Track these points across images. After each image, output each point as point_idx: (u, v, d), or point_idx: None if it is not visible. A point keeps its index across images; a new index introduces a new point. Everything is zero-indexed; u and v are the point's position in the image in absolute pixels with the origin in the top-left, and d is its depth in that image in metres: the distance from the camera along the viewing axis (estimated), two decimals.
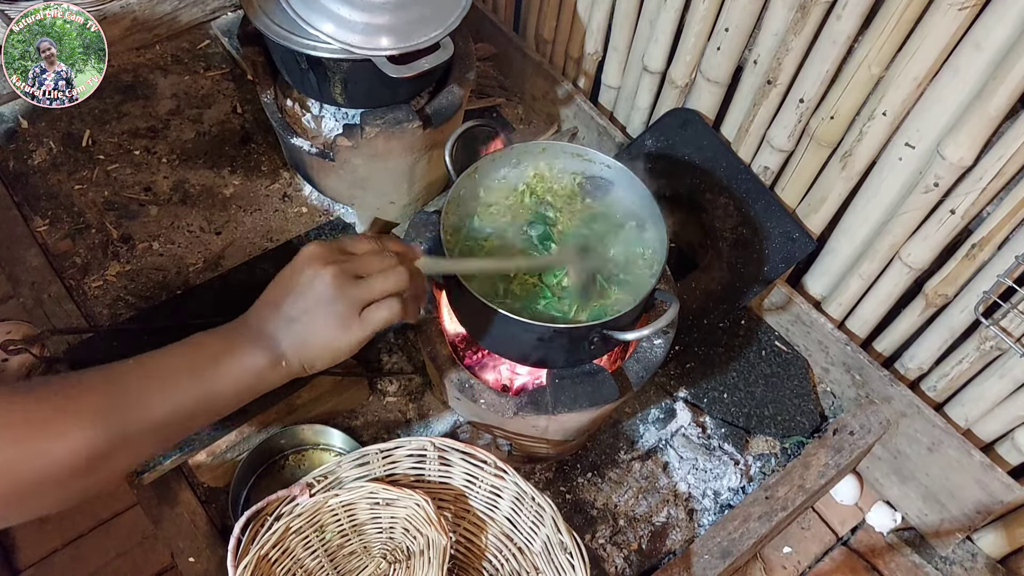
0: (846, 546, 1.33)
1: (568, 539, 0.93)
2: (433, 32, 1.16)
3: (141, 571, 1.24)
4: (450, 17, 1.18)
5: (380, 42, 1.13)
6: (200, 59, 1.73)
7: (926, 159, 1.06)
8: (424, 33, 1.16)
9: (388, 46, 1.13)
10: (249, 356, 0.74)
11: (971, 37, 0.95)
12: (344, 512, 0.95)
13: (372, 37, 1.13)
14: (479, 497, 1.01)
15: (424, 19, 1.16)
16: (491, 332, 1.00)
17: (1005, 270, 1.04)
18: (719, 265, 1.31)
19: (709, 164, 1.34)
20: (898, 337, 1.26)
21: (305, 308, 0.75)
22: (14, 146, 1.54)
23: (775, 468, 1.28)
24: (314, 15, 1.13)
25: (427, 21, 1.16)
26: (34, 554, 1.23)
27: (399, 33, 1.14)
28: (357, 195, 1.37)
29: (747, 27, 1.21)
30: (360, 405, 1.28)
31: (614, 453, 1.27)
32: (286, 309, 0.76)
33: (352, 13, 1.13)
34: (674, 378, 1.34)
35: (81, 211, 1.46)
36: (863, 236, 1.20)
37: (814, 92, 1.15)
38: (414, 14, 1.15)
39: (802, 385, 1.35)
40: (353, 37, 1.13)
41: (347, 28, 1.13)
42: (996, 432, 1.17)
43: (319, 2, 1.13)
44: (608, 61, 1.51)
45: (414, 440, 0.98)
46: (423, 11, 1.16)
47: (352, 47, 1.12)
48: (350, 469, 0.97)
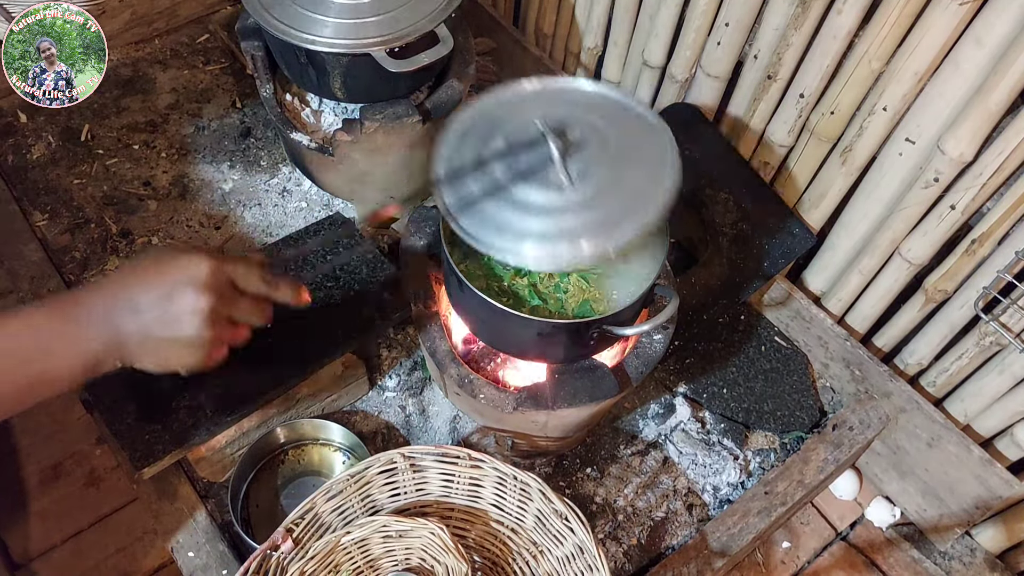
0: (845, 541, 1.33)
1: (561, 505, 0.92)
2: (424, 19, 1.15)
3: (140, 566, 1.24)
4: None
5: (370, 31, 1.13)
6: (199, 53, 1.73)
7: (926, 154, 1.06)
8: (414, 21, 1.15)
9: (376, 33, 1.13)
10: (84, 343, 0.72)
11: (972, 32, 0.94)
12: (357, 549, 0.93)
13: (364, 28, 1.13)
14: (460, 493, 1.00)
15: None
16: (491, 327, 1.00)
17: (1005, 266, 1.04)
18: (719, 260, 1.31)
19: (709, 159, 1.34)
20: (898, 333, 1.26)
21: (163, 316, 0.73)
22: (13, 140, 1.53)
23: (774, 463, 1.28)
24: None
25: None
26: (33, 549, 1.24)
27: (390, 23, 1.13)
28: (356, 190, 1.37)
29: (747, 22, 1.21)
30: (360, 400, 1.28)
31: (614, 448, 1.27)
32: (142, 305, 0.73)
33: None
34: (673, 373, 1.34)
35: (80, 206, 1.46)
36: (863, 231, 1.20)
37: (814, 87, 1.15)
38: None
39: (801, 380, 1.35)
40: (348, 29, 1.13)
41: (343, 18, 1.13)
42: (995, 428, 1.17)
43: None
44: (608, 56, 1.51)
45: (382, 456, 0.96)
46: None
47: (350, 41, 1.12)
48: (325, 503, 0.95)
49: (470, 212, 0.86)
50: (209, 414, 1.10)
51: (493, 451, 1.21)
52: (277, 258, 0.93)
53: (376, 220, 1.37)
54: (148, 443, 1.07)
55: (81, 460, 1.32)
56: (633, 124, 0.93)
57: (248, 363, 1.15)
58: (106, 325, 0.73)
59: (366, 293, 1.23)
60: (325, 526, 0.96)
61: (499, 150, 0.89)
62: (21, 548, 1.24)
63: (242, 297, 0.79)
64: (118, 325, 0.73)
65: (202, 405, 1.11)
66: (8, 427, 1.33)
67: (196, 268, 0.74)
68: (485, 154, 0.89)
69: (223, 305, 0.76)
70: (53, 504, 1.28)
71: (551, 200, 0.85)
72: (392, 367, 1.31)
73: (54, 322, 0.72)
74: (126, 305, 0.73)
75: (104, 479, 1.30)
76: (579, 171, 0.86)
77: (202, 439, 1.10)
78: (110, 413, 1.09)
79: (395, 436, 1.26)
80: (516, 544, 1.00)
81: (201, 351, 0.77)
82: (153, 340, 0.74)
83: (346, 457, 1.22)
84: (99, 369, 0.74)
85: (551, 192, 0.86)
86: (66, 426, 1.34)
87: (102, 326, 0.73)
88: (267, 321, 0.83)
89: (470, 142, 0.91)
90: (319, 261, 1.24)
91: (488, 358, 1.15)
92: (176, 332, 0.74)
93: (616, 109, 0.94)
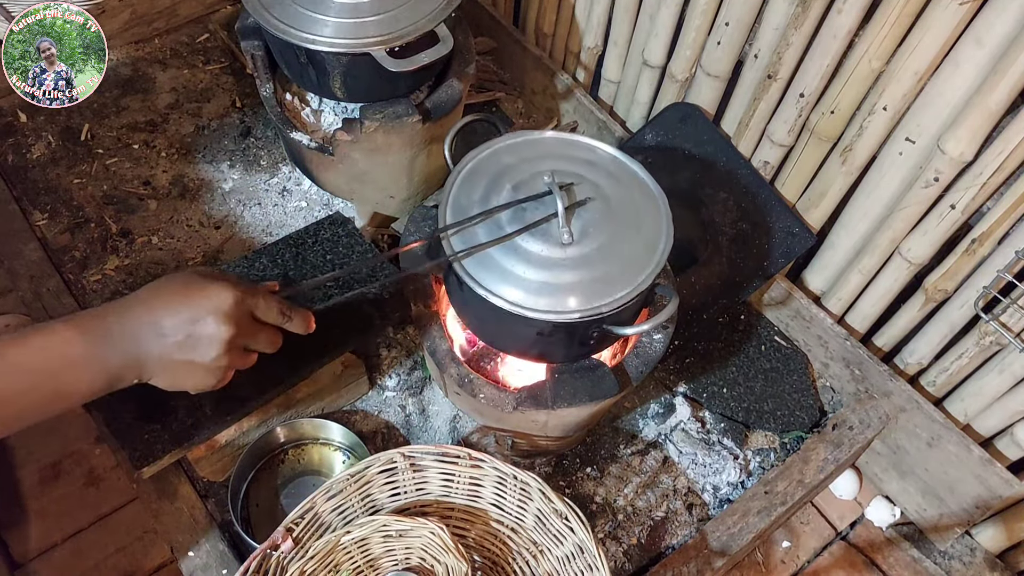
0: (845, 541, 1.33)
1: (561, 505, 0.93)
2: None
3: (141, 565, 1.24)
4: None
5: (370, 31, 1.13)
6: (199, 53, 1.73)
7: (926, 154, 1.06)
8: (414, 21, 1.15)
9: (376, 33, 1.13)
10: (106, 360, 0.74)
11: (972, 32, 0.94)
12: (357, 549, 0.93)
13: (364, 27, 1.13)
14: (460, 492, 1.00)
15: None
16: (491, 326, 1.00)
17: (1005, 265, 1.04)
18: (719, 260, 1.31)
19: (709, 159, 1.34)
20: (898, 332, 1.26)
21: (185, 341, 0.77)
22: (13, 140, 1.53)
23: (774, 463, 1.28)
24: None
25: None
26: (34, 549, 1.24)
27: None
28: (356, 189, 1.37)
29: (748, 21, 1.21)
30: (360, 399, 1.28)
31: (614, 448, 1.27)
32: (167, 328, 0.76)
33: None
34: (673, 373, 1.34)
35: (80, 205, 1.46)
36: (863, 231, 1.20)
37: (815, 86, 1.15)
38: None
39: (801, 380, 1.35)
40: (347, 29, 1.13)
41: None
42: (995, 427, 1.17)
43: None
44: (608, 55, 1.50)
45: (382, 455, 0.97)
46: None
47: (350, 40, 1.12)
48: (325, 502, 0.95)
49: (474, 255, 0.91)
50: (209, 413, 1.10)
51: (493, 451, 1.21)
52: (296, 291, 0.96)
53: (376, 220, 1.37)
54: (148, 442, 1.07)
55: (81, 459, 1.32)
56: (635, 189, 0.98)
57: None
58: (130, 344, 0.75)
59: (366, 292, 1.23)
60: (325, 526, 0.96)
61: (507, 198, 0.94)
62: (21, 547, 1.24)
63: (260, 328, 0.84)
64: (141, 346, 0.76)
65: (202, 404, 1.11)
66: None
67: (221, 298, 0.78)
68: (493, 200, 0.94)
69: (242, 336, 0.80)
70: (53, 504, 1.28)
71: (552, 253, 0.91)
72: (392, 366, 1.31)
73: (79, 338, 0.74)
74: (151, 327, 0.76)
75: (104, 478, 1.30)
76: (580, 229, 0.92)
77: (202, 438, 1.10)
78: (109, 412, 1.09)
79: (395, 435, 1.26)
80: (516, 544, 1.00)
81: (215, 376, 0.82)
82: (173, 363, 0.78)
83: (346, 457, 1.22)
84: (117, 385, 0.77)
85: (552, 246, 0.91)
86: (65, 425, 1.34)
87: (126, 345, 0.75)
88: (277, 349, 0.88)
89: (480, 184, 0.97)
90: (319, 261, 1.24)
91: (488, 357, 1.15)
92: (195, 357, 0.78)
93: (622, 172, 1.00)
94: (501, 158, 1.00)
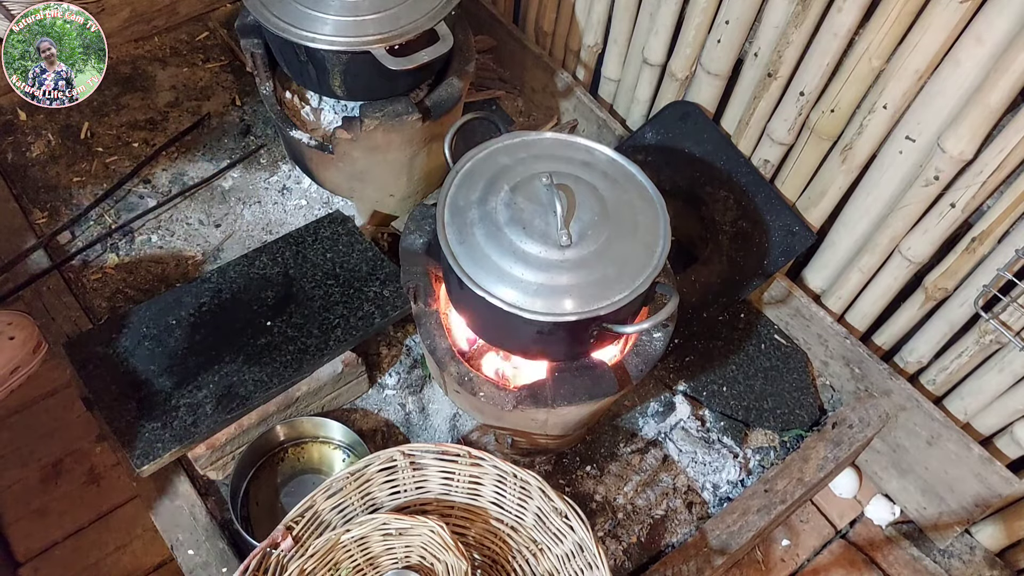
0: (845, 539, 1.33)
1: (560, 503, 0.93)
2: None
3: (141, 563, 1.24)
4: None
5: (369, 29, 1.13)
6: (199, 51, 1.72)
7: (926, 152, 1.06)
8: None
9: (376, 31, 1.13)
10: None
11: (972, 30, 0.94)
12: (357, 547, 0.94)
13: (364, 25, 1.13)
14: (460, 491, 1.00)
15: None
16: (491, 325, 1.00)
17: (1005, 264, 1.04)
18: (719, 258, 1.31)
19: (709, 157, 1.34)
20: (898, 331, 1.26)
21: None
22: (12, 138, 1.53)
23: (774, 461, 1.28)
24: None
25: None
26: (34, 547, 1.24)
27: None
28: (356, 187, 1.37)
29: (748, 19, 1.20)
30: (359, 397, 1.29)
31: (613, 446, 1.27)
32: None
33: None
34: (673, 371, 1.34)
35: (80, 204, 1.46)
36: (863, 229, 1.20)
37: (815, 85, 1.15)
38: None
39: (801, 378, 1.35)
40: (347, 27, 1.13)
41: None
42: (995, 426, 1.17)
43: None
44: (608, 54, 1.50)
45: (382, 454, 0.97)
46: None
47: (350, 38, 1.12)
48: (325, 501, 0.95)
49: (472, 255, 0.92)
50: (209, 412, 1.10)
51: (493, 449, 1.21)
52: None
53: (375, 219, 1.37)
54: (148, 441, 1.07)
55: (81, 458, 1.32)
56: (633, 191, 0.99)
57: (248, 362, 1.16)
58: None
59: (365, 291, 1.23)
60: (325, 524, 0.96)
61: (505, 199, 0.95)
62: (23, 546, 1.24)
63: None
64: None
65: (202, 403, 1.11)
66: (9, 425, 1.33)
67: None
68: (491, 201, 0.95)
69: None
70: (54, 502, 1.28)
71: (550, 255, 0.91)
72: (392, 365, 1.31)
73: None
74: None
75: (104, 477, 1.31)
76: (578, 231, 0.92)
77: (202, 437, 1.11)
78: (110, 411, 1.09)
79: (395, 434, 1.26)
80: (516, 542, 1.00)
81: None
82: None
83: (346, 455, 1.23)
84: None
85: (550, 248, 0.91)
86: (66, 424, 1.34)
87: None
88: None
89: (478, 185, 0.97)
90: (319, 259, 1.25)
91: (488, 356, 1.15)
92: None
93: (619, 174, 1.00)
94: (499, 159, 1.00)
